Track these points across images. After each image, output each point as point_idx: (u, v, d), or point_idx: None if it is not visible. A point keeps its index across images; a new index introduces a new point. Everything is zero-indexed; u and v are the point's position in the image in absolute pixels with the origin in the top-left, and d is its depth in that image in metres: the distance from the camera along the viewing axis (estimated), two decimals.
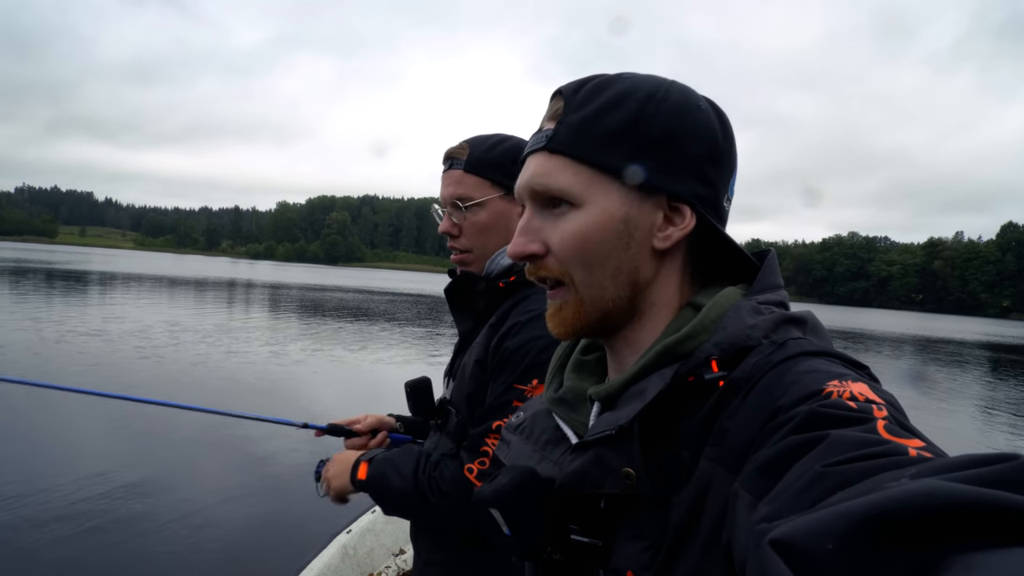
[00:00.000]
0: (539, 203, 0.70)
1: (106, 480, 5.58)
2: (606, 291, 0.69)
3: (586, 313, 0.69)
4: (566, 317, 0.70)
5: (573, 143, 0.68)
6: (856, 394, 0.50)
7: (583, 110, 0.68)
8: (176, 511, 5.12)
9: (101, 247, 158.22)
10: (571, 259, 0.68)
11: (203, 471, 6.17)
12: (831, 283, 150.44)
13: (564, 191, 0.68)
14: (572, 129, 0.68)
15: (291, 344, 14.19)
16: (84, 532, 4.62)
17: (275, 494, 5.69)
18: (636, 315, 0.71)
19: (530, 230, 0.70)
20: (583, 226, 0.67)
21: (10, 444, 6.34)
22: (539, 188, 0.69)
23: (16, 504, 4.88)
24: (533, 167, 0.70)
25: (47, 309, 16.96)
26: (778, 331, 0.63)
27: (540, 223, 0.70)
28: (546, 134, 0.69)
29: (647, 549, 0.61)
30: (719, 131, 0.70)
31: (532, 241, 0.70)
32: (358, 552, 3.20)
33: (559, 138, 0.68)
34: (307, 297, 31.77)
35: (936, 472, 0.36)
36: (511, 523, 0.69)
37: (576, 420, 0.74)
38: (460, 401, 1.40)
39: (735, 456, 0.55)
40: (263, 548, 4.59)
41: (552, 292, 0.71)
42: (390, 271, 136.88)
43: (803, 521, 0.36)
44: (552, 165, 0.68)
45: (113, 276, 36.76)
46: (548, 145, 0.69)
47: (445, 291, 1.51)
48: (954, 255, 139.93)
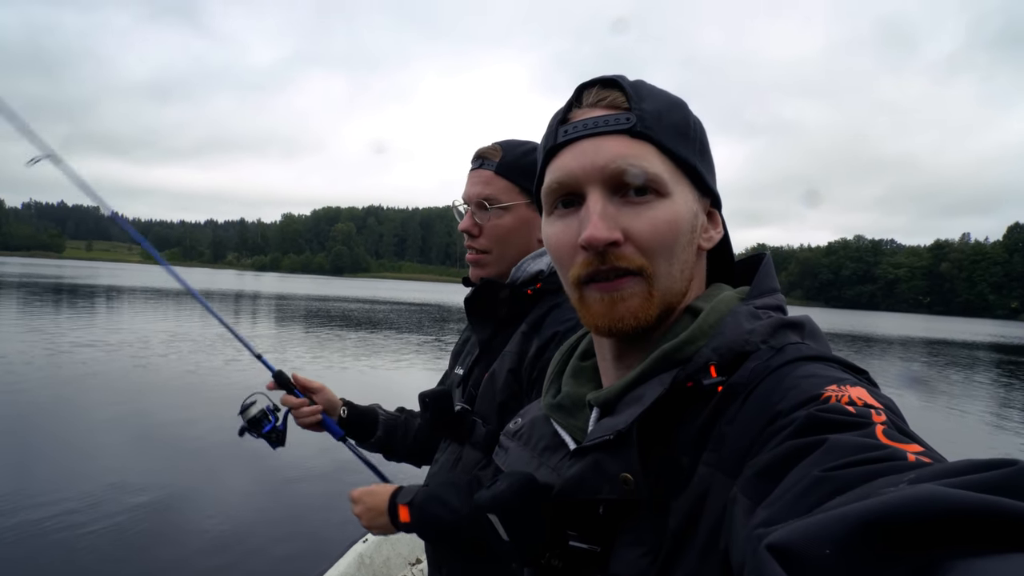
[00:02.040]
0: (614, 189, 0.67)
1: (120, 488, 5.57)
2: (675, 283, 0.68)
3: (654, 305, 0.67)
4: (632, 307, 0.66)
5: (660, 130, 0.66)
6: (854, 399, 0.50)
7: (652, 103, 0.67)
8: (190, 520, 5.11)
9: (108, 261, 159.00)
10: (658, 248, 0.66)
11: (218, 480, 6.16)
12: (838, 287, 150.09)
13: (657, 177, 0.66)
14: (655, 117, 0.66)
15: (292, 349, 14.20)
16: (98, 540, 4.60)
17: (291, 503, 5.67)
18: (673, 312, 0.70)
19: (609, 216, 0.66)
20: (674, 215, 0.66)
21: (27, 451, 6.36)
22: (633, 170, 0.65)
23: (30, 509, 4.87)
24: (615, 148, 0.66)
25: (79, 321, 17.03)
26: (776, 336, 0.63)
27: (615, 210, 0.66)
28: (626, 117, 0.66)
29: (646, 555, 0.61)
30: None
31: (614, 228, 0.65)
32: (374, 561, 3.16)
33: (647, 122, 0.66)
34: (315, 307, 31.84)
35: (935, 477, 0.36)
36: (509, 529, 0.68)
37: (574, 426, 0.74)
38: (488, 411, 1.37)
39: (734, 461, 0.55)
40: (278, 557, 4.56)
41: (611, 284, 0.66)
42: (396, 281, 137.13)
43: (800, 525, 0.36)
44: (640, 149, 0.66)
45: (133, 289, 36.94)
46: (634, 128, 0.66)
47: (465, 300, 1.47)
48: (961, 257, 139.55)
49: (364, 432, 1.71)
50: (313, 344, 16.29)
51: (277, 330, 19.92)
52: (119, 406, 8.55)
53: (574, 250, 0.67)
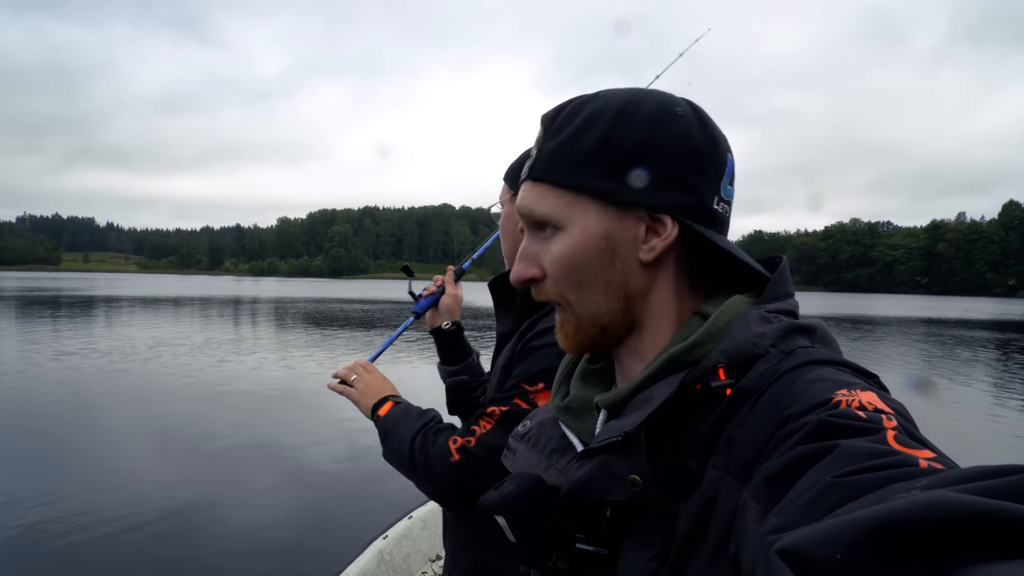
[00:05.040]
0: (532, 228, 0.73)
1: (144, 487, 5.66)
2: (600, 306, 0.70)
3: (585, 329, 0.71)
4: (568, 334, 0.72)
5: (550, 169, 0.70)
6: (865, 403, 0.50)
7: (559, 136, 0.70)
8: (212, 516, 5.20)
9: (105, 272, 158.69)
10: (562, 280, 0.70)
11: (239, 478, 6.24)
12: (835, 270, 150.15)
13: (546, 216, 0.70)
14: (549, 156, 0.70)
15: (296, 350, 14.24)
16: (121, 538, 4.68)
17: (312, 500, 5.74)
18: (635, 326, 0.71)
19: (528, 255, 0.72)
20: (566, 247, 0.69)
21: (52, 456, 6.42)
22: (524, 214, 0.72)
23: (56, 512, 4.93)
24: (521, 195, 0.73)
25: (100, 332, 17.05)
26: (786, 340, 0.63)
27: (536, 248, 0.72)
28: (529, 164, 0.73)
29: (653, 558, 0.61)
30: (699, 135, 0.69)
31: (531, 266, 0.72)
32: (394, 558, 3.22)
33: (539, 166, 0.71)
34: (313, 310, 31.81)
35: (947, 483, 0.36)
36: (516, 531, 0.69)
37: (582, 428, 0.75)
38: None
39: (743, 465, 0.55)
40: (299, 553, 4.63)
41: (557, 310, 0.73)
42: (394, 281, 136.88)
43: (811, 530, 0.36)
44: (536, 192, 0.71)
45: (135, 299, 36.87)
46: (531, 175, 0.72)
47: (489, 285, 1.50)
48: (958, 236, 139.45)
49: (455, 354, 1.77)
50: (315, 344, 16.34)
51: (278, 332, 19.98)
52: (138, 410, 8.63)
53: None
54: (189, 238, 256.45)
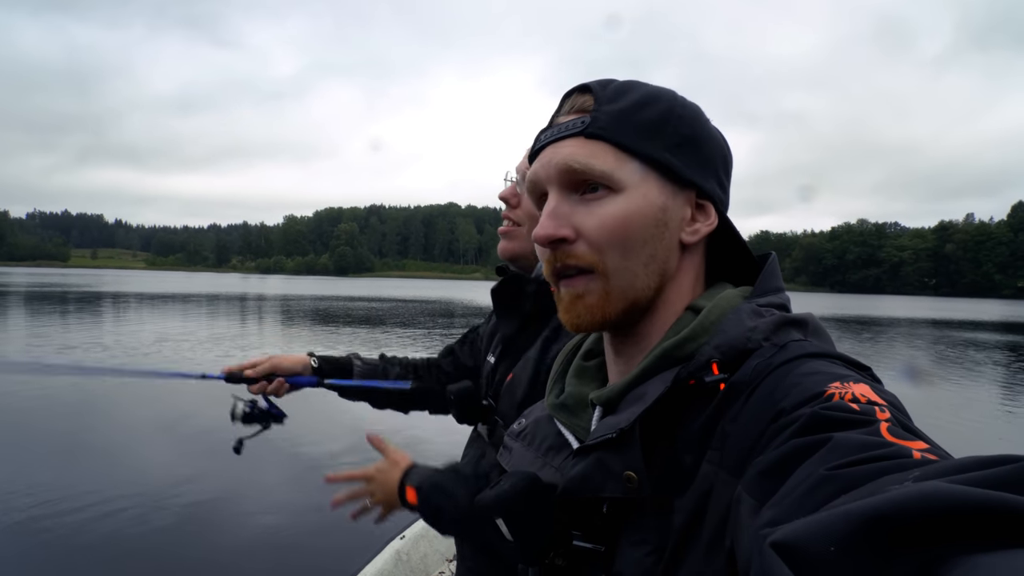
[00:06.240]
0: (569, 187, 0.69)
1: (158, 485, 5.64)
2: (637, 279, 0.68)
3: (613, 302, 0.68)
4: (590, 305, 0.68)
5: (616, 129, 0.67)
6: (858, 395, 0.50)
7: (618, 102, 0.69)
8: (230, 516, 5.18)
9: (113, 268, 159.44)
10: (608, 244, 0.67)
11: (255, 477, 6.21)
12: (842, 271, 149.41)
13: (606, 174, 0.67)
14: (613, 117, 0.68)
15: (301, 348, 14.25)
16: (135, 536, 4.66)
17: (328, 499, 5.67)
18: (652, 310, 0.70)
19: (560, 214, 0.68)
20: (624, 210, 0.67)
21: (42, 449, 6.44)
22: (579, 167, 0.67)
23: (51, 505, 4.93)
24: (569, 149, 0.68)
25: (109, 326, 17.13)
26: (779, 333, 0.63)
27: (569, 208, 0.68)
28: (581, 120, 0.69)
29: (650, 554, 0.61)
30: (726, 145, 0.74)
31: (563, 226, 0.68)
32: (412, 558, 3.20)
33: (600, 123, 0.68)
34: (322, 307, 31.88)
35: (940, 474, 0.36)
36: (513, 529, 0.69)
37: (577, 425, 0.74)
38: (509, 413, 1.36)
39: (737, 459, 0.55)
40: (316, 553, 4.61)
41: (570, 281, 0.69)
42: (400, 279, 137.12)
43: (805, 523, 0.36)
44: (593, 148, 0.67)
45: (143, 295, 37.05)
46: (587, 130, 0.68)
47: (492, 291, 1.48)
48: (966, 238, 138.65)
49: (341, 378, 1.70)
50: (320, 344, 16.34)
51: (285, 329, 20.01)
52: (144, 408, 8.63)
53: (543, 249, 0.70)
54: (196, 235, 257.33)
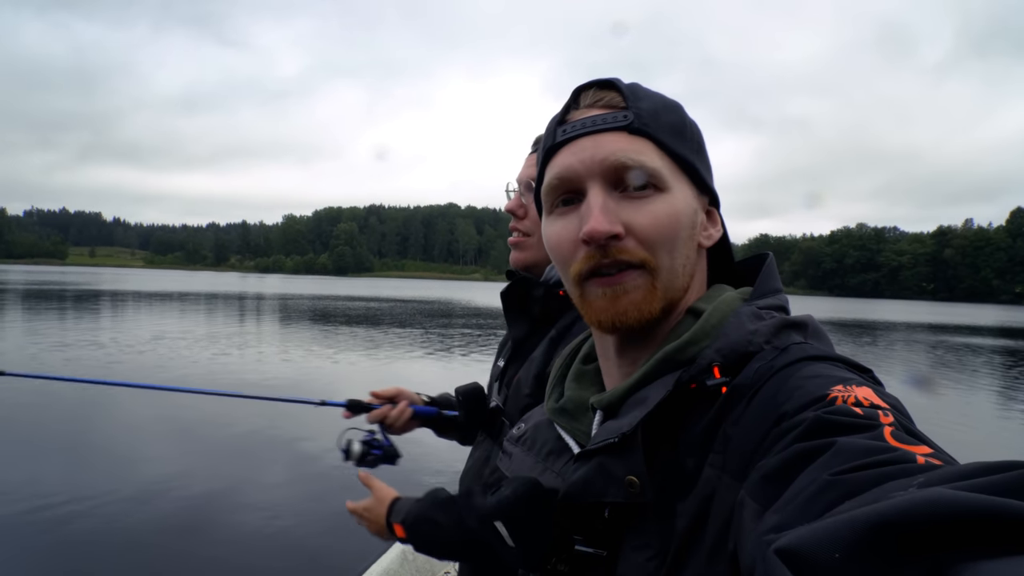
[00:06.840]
0: (614, 184, 0.67)
1: (168, 484, 5.62)
2: (677, 278, 0.68)
3: (657, 299, 0.67)
4: (636, 300, 0.66)
5: (658, 128, 0.67)
6: (861, 399, 0.50)
7: (648, 102, 0.68)
8: (237, 515, 5.16)
9: (112, 266, 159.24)
10: (659, 242, 0.66)
11: (262, 477, 6.20)
12: (841, 275, 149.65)
13: (656, 172, 0.66)
14: (651, 115, 0.67)
15: (300, 348, 14.23)
16: (144, 532, 4.66)
17: (334, 497, 5.64)
18: (672, 308, 0.69)
19: (611, 210, 0.66)
20: (674, 210, 0.67)
21: (57, 445, 6.40)
22: (632, 163, 0.66)
23: (62, 503, 4.91)
24: (617, 144, 0.66)
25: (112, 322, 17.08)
26: (780, 336, 0.63)
27: (615, 204, 0.67)
28: (624, 115, 0.67)
29: (652, 559, 0.60)
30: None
31: (615, 222, 0.65)
32: (418, 558, 3.18)
33: (644, 119, 0.66)
34: (320, 307, 31.85)
35: (944, 480, 0.35)
36: (515, 535, 0.68)
37: (578, 430, 0.73)
38: (515, 414, 1.35)
39: (740, 463, 0.54)
40: (322, 552, 4.59)
41: (613, 278, 0.66)
42: (400, 280, 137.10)
43: (809, 529, 0.35)
44: (639, 145, 0.66)
45: (140, 294, 36.99)
46: (632, 124, 0.66)
47: (502, 295, 1.46)
48: (964, 243, 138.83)
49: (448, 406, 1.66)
50: (319, 342, 16.32)
51: (283, 329, 19.99)
52: (157, 408, 8.61)
53: (575, 246, 0.68)
54: (195, 234, 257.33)
